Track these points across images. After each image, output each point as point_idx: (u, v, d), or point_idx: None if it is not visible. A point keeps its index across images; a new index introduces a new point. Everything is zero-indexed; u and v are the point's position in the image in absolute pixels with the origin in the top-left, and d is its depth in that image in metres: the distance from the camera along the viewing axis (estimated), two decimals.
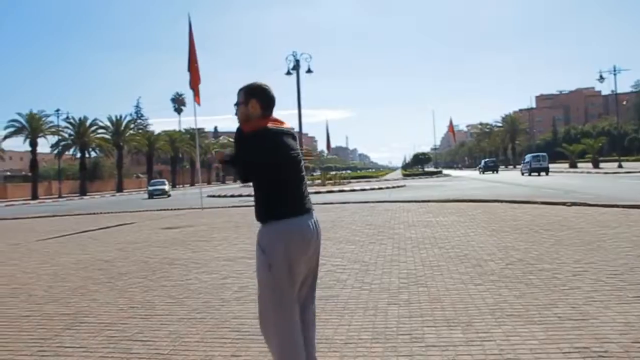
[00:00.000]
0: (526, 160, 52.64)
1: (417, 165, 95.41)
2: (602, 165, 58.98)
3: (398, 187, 38.52)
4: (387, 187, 37.80)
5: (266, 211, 3.16)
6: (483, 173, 65.09)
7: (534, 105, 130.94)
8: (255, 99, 3.30)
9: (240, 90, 3.38)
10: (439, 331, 4.54)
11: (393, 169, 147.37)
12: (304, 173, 3.36)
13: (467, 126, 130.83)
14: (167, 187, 48.55)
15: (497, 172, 65.62)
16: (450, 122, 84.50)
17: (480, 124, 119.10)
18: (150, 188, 47.94)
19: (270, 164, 3.13)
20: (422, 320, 4.87)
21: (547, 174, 46.96)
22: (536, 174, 47.83)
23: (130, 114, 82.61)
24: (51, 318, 5.75)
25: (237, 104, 3.37)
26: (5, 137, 58.15)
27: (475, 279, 6.47)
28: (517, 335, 4.32)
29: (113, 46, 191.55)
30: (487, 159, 75.40)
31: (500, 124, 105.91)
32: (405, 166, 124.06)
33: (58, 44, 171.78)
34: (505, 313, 4.97)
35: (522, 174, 51.28)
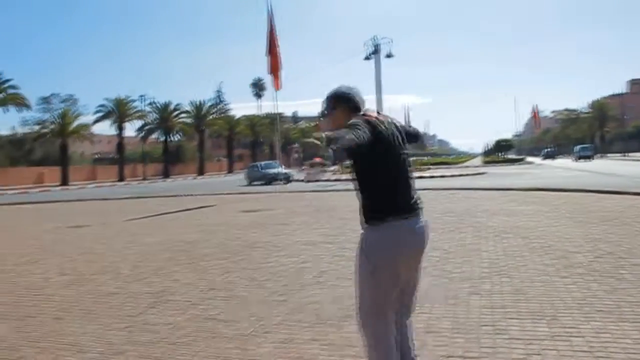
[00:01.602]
0: (575, 150, 68.53)
1: (499, 152, 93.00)
2: None
3: (479, 174, 37.73)
4: (468, 174, 37.07)
5: (372, 211, 2.95)
6: (544, 159, 77.71)
7: (626, 91, 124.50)
8: (340, 107, 3.14)
9: (325, 99, 3.21)
10: (523, 324, 4.41)
11: (473, 156, 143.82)
12: (410, 172, 3.11)
13: (552, 112, 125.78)
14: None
15: (554, 159, 78.28)
16: (534, 108, 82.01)
17: (567, 110, 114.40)
18: (270, 171, 37.39)
19: (374, 147, 2.83)
20: (505, 312, 4.75)
21: (591, 160, 61.18)
22: (583, 160, 61.75)
23: (212, 99, 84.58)
24: (137, 296, 5.99)
25: (323, 114, 3.22)
26: (95, 121, 60.83)
27: (561, 271, 6.23)
28: (607, 332, 4.14)
29: (195, 31, 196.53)
30: (547, 148, 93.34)
31: (588, 110, 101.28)
32: (486, 153, 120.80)
33: (143, 30, 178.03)
34: (595, 308, 4.76)
35: (573, 160, 64.33)
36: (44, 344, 4.53)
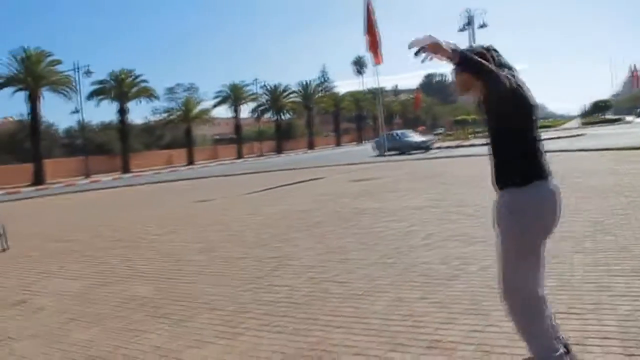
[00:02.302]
0: None
1: (597, 113, 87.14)
2: None
3: (577, 135, 35.66)
4: (566, 136, 35.07)
5: (524, 172, 2.74)
6: (638, 117, 72.65)
7: None
8: None
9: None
10: (628, 281, 4.17)
11: (570, 118, 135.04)
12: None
13: None
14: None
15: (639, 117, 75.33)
16: (632, 68, 76.37)
17: None
18: (411, 139, 34.27)
19: (519, 106, 2.67)
20: (609, 270, 4.52)
21: None
22: None
23: (317, 78, 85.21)
24: (261, 260, 6.25)
25: (454, 70, 2.86)
26: (215, 105, 63.15)
27: None
28: None
29: (298, 14, 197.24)
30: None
31: None
32: (584, 114, 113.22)
33: (250, 18, 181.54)
34: None
35: None
36: (184, 303, 4.85)
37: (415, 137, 35.42)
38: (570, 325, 3.40)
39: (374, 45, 20.35)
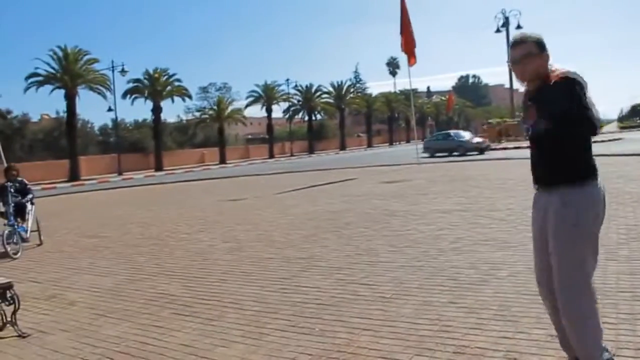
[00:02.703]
0: None
1: (635, 117, 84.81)
2: None
3: (614, 140, 34.83)
4: (602, 140, 34.24)
5: (583, 169, 2.69)
6: None
7: None
8: (547, 52, 2.73)
9: (526, 41, 2.76)
10: None
11: (607, 122, 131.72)
12: None
13: None
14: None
15: None
16: None
17: None
18: (472, 140, 32.28)
19: None
20: None
21: None
22: None
23: (350, 79, 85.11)
24: (289, 261, 6.27)
25: (525, 56, 2.74)
26: (247, 105, 63.69)
27: None
28: None
29: (331, 14, 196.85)
30: None
31: None
32: (621, 118, 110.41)
33: (287, 20, 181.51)
34: None
35: None
36: (212, 302, 4.90)
37: (471, 137, 33.39)
38: (603, 335, 3.32)
39: (408, 46, 20.25)
